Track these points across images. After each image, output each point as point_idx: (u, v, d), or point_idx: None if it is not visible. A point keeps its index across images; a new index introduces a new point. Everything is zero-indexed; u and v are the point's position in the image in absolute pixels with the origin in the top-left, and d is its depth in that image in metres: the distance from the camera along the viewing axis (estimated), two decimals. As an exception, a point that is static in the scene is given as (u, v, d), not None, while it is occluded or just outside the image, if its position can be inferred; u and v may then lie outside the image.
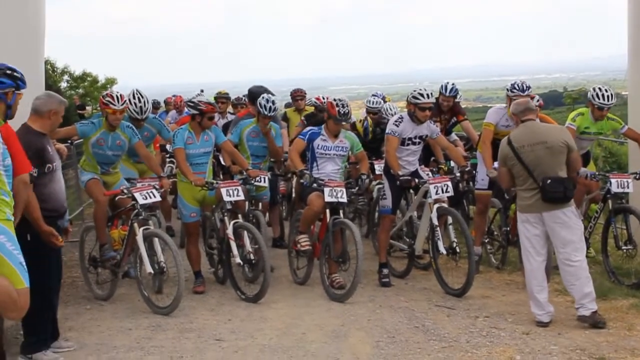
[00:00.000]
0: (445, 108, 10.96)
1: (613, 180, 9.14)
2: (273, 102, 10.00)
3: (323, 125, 9.14)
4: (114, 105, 8.59)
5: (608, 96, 9.42)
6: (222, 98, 13.45)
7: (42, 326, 6.77)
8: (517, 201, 7.85)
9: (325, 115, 9.23)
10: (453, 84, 11.00)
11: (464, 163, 9.61)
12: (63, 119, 7.02)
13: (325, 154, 9.08)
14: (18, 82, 6.01)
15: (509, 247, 9.81)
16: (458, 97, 11.42)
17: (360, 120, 11.78)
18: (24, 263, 5.47)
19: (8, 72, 5.92)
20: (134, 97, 9.24)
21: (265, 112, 9.86)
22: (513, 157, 7.55)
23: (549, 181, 7.36)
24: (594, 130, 9.80)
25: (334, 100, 9.12)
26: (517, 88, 9.45)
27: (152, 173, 9.29)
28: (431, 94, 9.17)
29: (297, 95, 13.13)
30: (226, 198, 8.72)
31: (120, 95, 8.74)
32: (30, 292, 6.24)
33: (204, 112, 8.95)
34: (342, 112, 8.92)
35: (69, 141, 10.22)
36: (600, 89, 9.59)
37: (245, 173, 9.26)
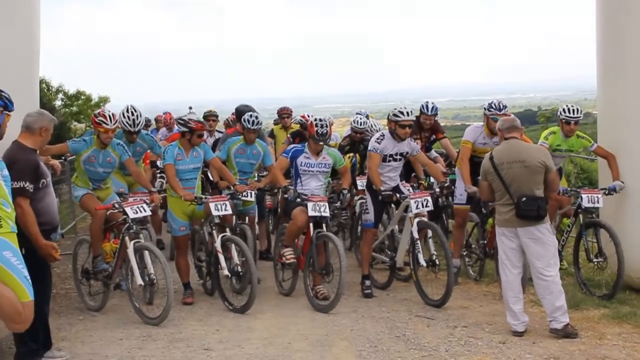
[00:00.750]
0: (427, 126, 10.98)
1: (584, 196, 9.20)
2: (257, 117, 10.08)
3: (306, 143, 9.17)
4: (107, 124, 8.58)
5: (574, 110, 9.70)
6: (211, 116, 13.45)
7: (33, 337, 6.71)
8: (496, 215, 7.90)
9: (307, 134, 9.26)
10: (433, 103, 11.01)
11: (443, 179, 9.65)
12: (56, 136, 7.01)
13: (309, 171, 9.10)
14: (7, 102, 5.91)
15: (487, 260, 9.82)
16: (437, 115, 11.47)
17: (345, 138, 11.76)
18: (28, 277, 5.45)
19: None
20: (127, 111, 9.30)
21: (249, 126, 9.92)
22: (493, 172, 7.59)
23: (523, 199, 7.39)
24: (565, 148, 9.91)
25: (315, 120, 9.16)
26: (494, 107, 9.50)
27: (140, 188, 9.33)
28: (411, 112, 9.23)
29: (284, 113, 13.18)
30: (215, 212, 8.72)
31: (112, 114, 8.73)
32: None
33: (193, 129, 8.96)
34: (320, 132, 8.96)
35: (63, 157, 10.19)
36: (567, 105, 9.93)
37: (233, 188, 9.29)
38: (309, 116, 11.75)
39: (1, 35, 7.05)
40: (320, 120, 9.13)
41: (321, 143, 9.07)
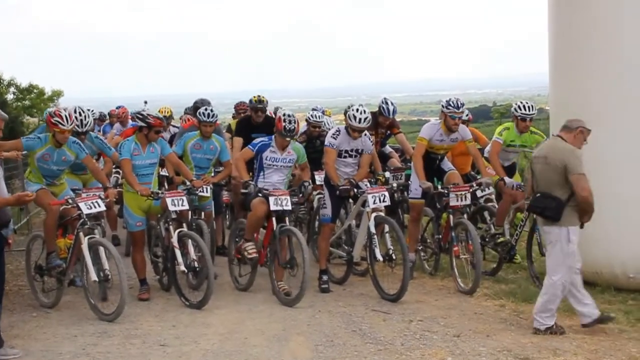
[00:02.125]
0: (384, 127, 10.97)
1: (538, 191, 9.30)
2: (212, 111, 10.08)
3: (273, 137, 9.15)
4: (63, 125, 8.47)
5: (528, 107, 9.86)
6: (165, 110, 13.37)
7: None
8: None
9: (274, 129, 9.22)
10: (394, 105, 10.78)
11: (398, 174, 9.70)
12: (9, 130, 6.91)
13: (273, 165, 9.09)
14: None
15: (441, 254, 9.92)
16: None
17: (301, 134, 11.74)
18: None
19: None
20: (75, 112, 9.18)
21: (204, 119, 9.91)
22: (529, 166, 7.68)
23: (537, 195, 7.44)
24: (519, 143, 10.06)
25: (283, 115, 9.10)
26: (452, 105, 9.54)
27: (95, 182, 9.25)
28: (365, 118, 9.13)
29: (240, 109, 13.15)
30: (171, 208, 8.68)
31: (69, 114, 8.64)
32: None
33: (152, 125, 8.91)
34: (288, 127, 8.93)
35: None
36: (521, 102, 10.08)
37: (189, 184, 9.25)
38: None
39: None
40: (289, 115, 9.08)
41: (288, 138, 9.06)
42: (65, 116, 8.53)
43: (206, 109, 10.06)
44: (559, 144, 7.56)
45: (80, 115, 9.24)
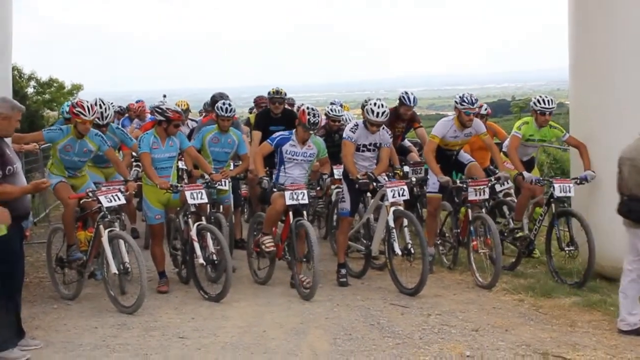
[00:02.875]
0: (406, 117, 10.97)
1: (556, 185, 9.27)
2: (230, 105, 10.10)
3: (294, 131, 9.16)
4: (85, 115, 8.53)
5: (548, 101, 9.76)
6: (182, 103, 13.45)
7: (6, 325, 6.71)
8: None
9: (296, 122, 9.23)
10: (413, 94, 10.89)
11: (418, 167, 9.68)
12: (29, 123, 6.94)
13: (293, 159, 9.09)
14: None
15: (460, 248, 9.90)
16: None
17: (320, 128, 11.73)
18: None
19: None
20: (95, 104, 9.21)
21: (222, 113, 9.95)
22: (618, 166, 7.44)
23: (625, 197, 7.34)
24: (538, 138, 10.00)
25: (307, 108, 9.09)
26: (467, 101, 9.48)
27: (117, 176, 9.30)
28: (383, 112, 9.11)
29: (260, 102, 13.18)
30: (190, 201, 8.71)
31: (91, 105, 8.70)
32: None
33: (170, 119, 8.95)
34: (312, 121, 8.95)
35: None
36: (540, 96, 9.98)
37: (208, 177, 9.27)
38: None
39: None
40: (313, 109, 9.10)
41: (311, 131, 9.07)
42: (87, 107, 8.60)
43: (224, 103, 10.08)
44: None
45: (100, 107, 9.30)
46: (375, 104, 9.10)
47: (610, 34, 9.15)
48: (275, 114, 11.29)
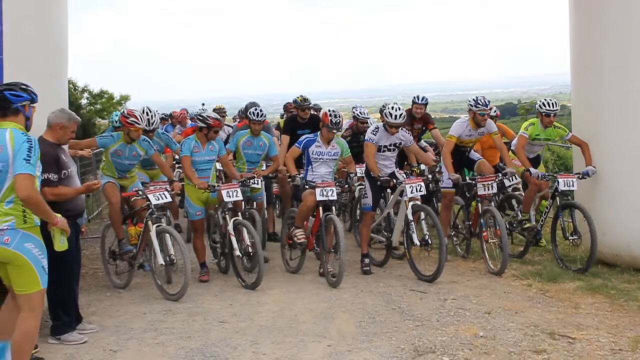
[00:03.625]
0: (418, 115, 11.02)
1: (560, 180, 9.22)
2: (260, 111, 10.19)
3: (319, 133, 9.19)
4: (139, 124, 8.63)
5: (552, 104, 9.73)
6: (220, 112, 13.55)
7: (66, 312, 6.81)
8: None
9: (320, 124, 9.28)
10: (423, 95, 11.14)
11: (433, 164, 9.71)
12: (83, 131, 7.01)
13: (320, 158, 9.12)
14: (32, 96, 5.78)
15: (472, 239, 9.87)
16: (426, 108, 11.51)
17: (346, 130, 11.71)
18: (45, 266, 5.46)
19: (23, 86, 5.73)
20: (143, 112, 9.31)
21: (254, 118, 10.02)
22: None
23: None
24: (544, 137, 9.95)
25: (328, 111, 9.20)
26: (480, 103, 9.52)
27: (161, 177, 9.40)
28: (400, 114, 9.06)
29: (290, 108, 13.23)
30: (226, 199, 8.75)
31: (142, 114, 8.81)
32: (55, 283, 6.24)
33: (211, 126, 9.04)
34: (334, 121, 9.01)
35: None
36: (545, 99, 9.97)
37: (243, 176, 9.36)
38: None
39: (35, 44, 7.04)
40: (334, 111, 9.19)
41: (334, 130, 9.10)
42: (140, 116, 8.70)
43: (255, 109, 10.17)
44: None
45: (147, 114, 9.41)
46: (392, 107, 9.10)
47: (607, 41, 9.09)
48: (302, 119, 11.33)
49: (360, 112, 11.32)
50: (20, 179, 5.25)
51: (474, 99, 9.68)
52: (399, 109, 9.13)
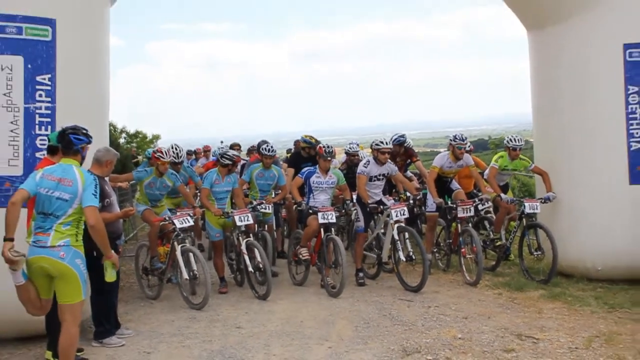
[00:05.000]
0: (401, 155, 11.03)
1: (526, 204, 9.25)
2: (271, 147, 10.25)
3: (317, 166, 9.25)
4: (163, 158, 8.73)
5: (518, 139, 9.88)
6: (235, 146, 13.67)
7: (107, 319, 6.83)
8: None
9: (317, 157, 9.38)
10: (396, 136, 11.07)
11: (416, 193, 9.74)
12: (122, 166, 7.08)
13: (319, 187, 9.17)
14: (90, 139, 5.95)
15: (452, 255, 9.87)
16: (410, 143, 11.49)
17: (343, 163, 11.75)
18: (87, 280, 5.52)
19: (84, 131, 5.87)
20: (172, 148, 9.41)
21: (266, 153, 10.05)
22: None
23: None
24: (511, 168, 10.02)
25: (322, 145, 9.44)
26: (458, 138, 9.65)
27: (185, 203, 9.47)
28: (388, 141, 9.32)
29: (300, 145, 13.27)
30: (239, 223, 8.77)
31: (167, 150, 8.91)
32: (97, 294, 6.27)
33: (235, 162, 9.28)
34: (327, 151, 9.17)
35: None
36: (511, 135, 10.10)
37: (254, 202, 9.40)
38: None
39: (83, 93, 7.11)
40: (327, 145, 9.44)
41: (329, 159, 9.18)
42: (165, 152, 8.81)
43: (267, 146, 10.23)
44: None
45: (175, 150, 9.48)
46: (380, 140, 9.24)
47: (563, 87, 9.20)
48: (306, 154, 11.40)
49: (350, 147, 11.39)
50: (90, 210, 5.40)
51: (453, 135, 9.78)
52: (385, 140, 9.28)
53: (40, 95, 6.74)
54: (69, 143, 5.69)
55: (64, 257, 5.34)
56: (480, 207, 9.86)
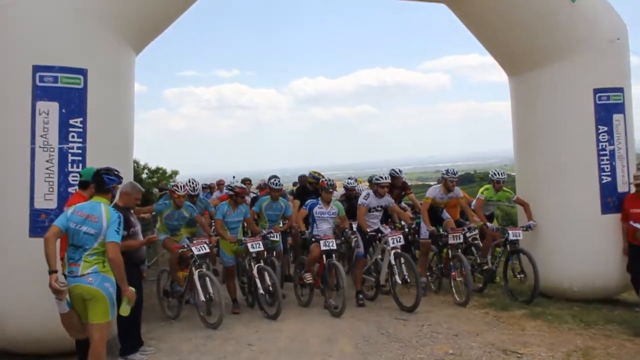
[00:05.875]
0: (398, 187, 11.08)
1: (510, 232, 9.26)
2: (279, 182, 10.29)
3: (319, 198, 9.31)
4: (179, 192, 8.80)
5: (501, 173, 9.99)
6: (247, 181, 13.73)
7: (132, 336, 6.83)
8: None
9: (320, 191, 9.43)
10: (393, 170, 10.99)
11: (410, 222, 9.77)
12: (145, 199, 7.12)
13: (322, 217, 9.20)
14: (120, 179, 6.05)
15: (443, 278, 9.85)
16: (404, 177, 11.54)
17: (341, 196, 11.81)
18: (115, 302, 5.53)
19: (116, 172, 5.96)
20: (189, 182, 9.47)
21: (274, 187, 10.07)
22: None
23: None
24: (496, 199, 10.06)
25: (325, 179, 9.55)
26: (450, 172, 9.77)
27: (200, 232, 9.47)
28: (386, 177, 9.36)
29: (305, 180, 13.30)
30: (251, 249, 8.79)
31: (182, 185, 8.98)
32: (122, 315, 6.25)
33: (237, 193, 9.17)
34: (329, 184, 9.26)
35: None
36: (496, 170, 10.19)
37: (264, 231, 9.43)
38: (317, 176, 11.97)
39: (111, 135, 7.20)
40: (328, 179, 9.56)
41: (330, 190, 9.24)
42: (181, 186, 8.87)
43: (275, 181, 10.25)
44: None
45: (192, 183, 9.53)
46: (380, 175, 9.32)
47: (540, 128, 9.30)
48: (310, 188, 11.47)
49: (348, 183, 11.45)
50: (111, 245, 5.43)
51: (446, 170, 9.89)
52: (384, 175, 9.35)
53: (73, 137, 6.84)
54: (102, 183, 5.77)
55: (92, 282, 5.39)
56: (468, 234, 9.89)
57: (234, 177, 13.76)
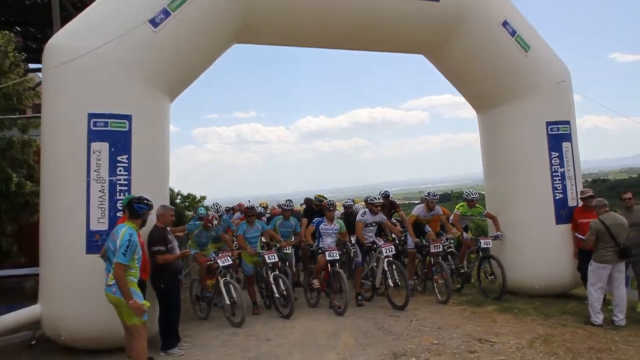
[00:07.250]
0: (388, 206, 11.15)
1: (482, 241, 9.29)
2: (291, 203, 10.31)
3: (324, 217, 9.36)
4: (210, 225, 8.86)
5: (473, 192, 10.07)
6: (263, 203, 13.78)
7: (171, 333, 6.85)
8: (597, 256, 7.10)
9: (324, 210, 9.50)
10: (385, 192, 11.09)
11: (400, 235, 9.80)
12: (178, 220, 7.17)
13: (326, 232, 9.23)
14: (150, 206, 6.05)
15: (427, 281, 9.84)
16: (393, 198, 11.60)
17: (341, 215, 11.83)
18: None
19: (145, 200, 5.96)
20: (213, 205, 9.55)
21: (285, 207, 10.11)
22: (604, 230, 6.99)
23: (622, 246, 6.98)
24: (469, 214, 10.10)
25: (326, 201, 9.62)
26: (431, 194, 9.83)
27: (224, 246, 9.52)
28: (379, 198, 9.42)
29: (310, 202, 13.32)
30: (268, 261, 8.81)
31: (211, 218, 8.92)
32: (165, 315, 6.29)
33: (244, 212, 9.39)
34: (330, 203, 9.34)
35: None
36: (469, 190, 10.28)
37: (279, 245, 9.47)
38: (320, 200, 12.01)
39: (151, 168, 7.28)
40: (329, 200, 9.65)
41: (331, 209, 9.27)
42: (210, 220, 8.86)
43: (287, 202, 10.32)
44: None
45: (216, 206, 9.62)
46: (374, 197, 9.38)
47: (503, 153, 9.35)
48: (316, 208, 11.53)
49: (346, 202, 11.53)
50: (116, 265, 5.45)
51: (427, 192, 9.98)
52: (377, 197, 9.41)
53: (120, 171, 6.94)
54: (133, 210, 5.84)
55: (115, 292, 5.44)
56: (446, 244, 9.91)
57: (249, 201, 13.84)
